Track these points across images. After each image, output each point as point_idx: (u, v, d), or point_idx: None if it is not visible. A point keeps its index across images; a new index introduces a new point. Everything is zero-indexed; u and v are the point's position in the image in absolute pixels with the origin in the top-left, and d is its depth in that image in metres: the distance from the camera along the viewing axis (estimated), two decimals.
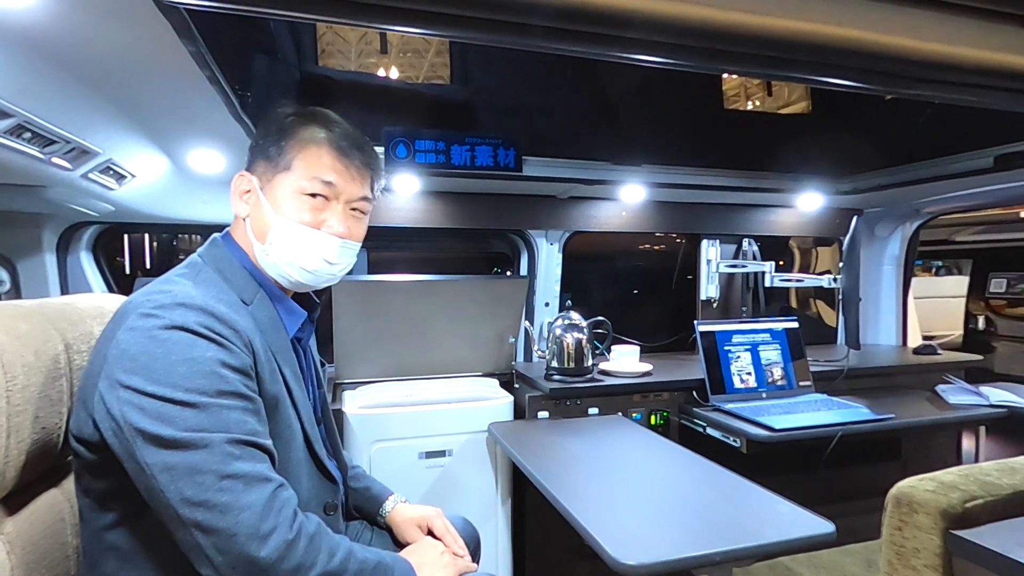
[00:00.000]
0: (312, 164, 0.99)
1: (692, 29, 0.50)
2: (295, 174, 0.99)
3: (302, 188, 0.99)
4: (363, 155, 1.04)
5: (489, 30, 0.52)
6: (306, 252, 1.01)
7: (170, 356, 0.81)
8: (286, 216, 0.99)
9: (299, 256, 1.01)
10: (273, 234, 1.00)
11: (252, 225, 1.02)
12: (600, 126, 2.23)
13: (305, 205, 1.00)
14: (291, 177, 0.99)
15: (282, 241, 1.00)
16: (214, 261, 1.00)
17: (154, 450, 0.78)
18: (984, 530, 0.81)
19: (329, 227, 1.01)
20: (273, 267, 1.02)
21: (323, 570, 0.84)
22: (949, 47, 0.56)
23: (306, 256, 1.01)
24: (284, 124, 1.02)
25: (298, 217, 0.99)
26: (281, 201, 0.99)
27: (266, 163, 1.01)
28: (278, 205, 1.00)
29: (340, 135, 1.02)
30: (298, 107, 1.05)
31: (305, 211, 1.00)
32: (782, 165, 2.36)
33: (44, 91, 0.97)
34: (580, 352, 2.06)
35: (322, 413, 1.17)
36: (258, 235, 1.02)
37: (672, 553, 0.99)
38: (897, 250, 2.92)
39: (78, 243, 2.00)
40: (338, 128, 1.03)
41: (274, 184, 1.00)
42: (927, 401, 2.15)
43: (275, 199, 1.00)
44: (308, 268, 1.02)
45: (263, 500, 0.80)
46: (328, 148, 1.00)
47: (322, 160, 1.00)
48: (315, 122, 1.02)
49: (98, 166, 1.35)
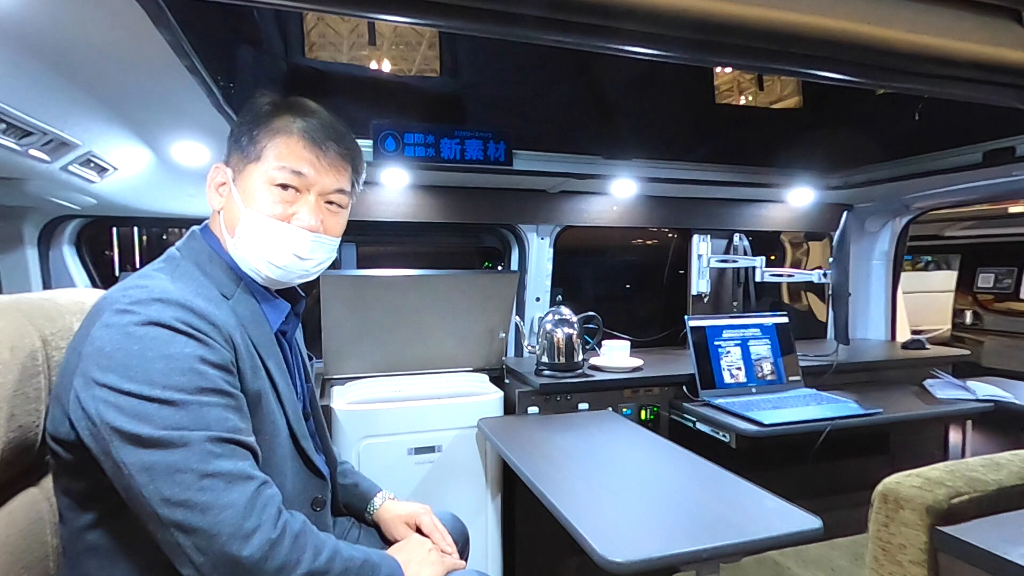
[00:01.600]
0: (282, 153, 0.95)
1: (685, 20, 0.49)
2: (265, 164, 0.96)
3: (271, 178, 0.95)
4: (340, 146, 1.00)
5: (480, 19, 0.51)
6: (275, 246, 0.97)
7: (147, 353, 0.79)
8: (255, 209, 0.96)
9: (267, 250, 0.97)
10: (241, 227, 0.97)
11: (224, 218, 1.00)
12: (591, 120, 2.22)
13: (275, 197, 0.96)
14: (261, 167, 0.96)
15: (250, 235, 0.96)
16: (192, 255, 0.97)
17: (132, 449, 0.76)
18: (969, 526, 0.81)
19: (299, 220, 0.97)
20: (243, 261, 0.99)
21: (308, 569, 0.82)
22: (942, 40, 0.55)
23: (275, 250, 0.97)
24: (259, 112, 0.98)
25: (267, 210, 0.96)
26: (251, 193, 0.96)
27: (239, 154, 0.98)
28: (248, 197, 0.96)
29: (315, 125, 0.98)
30: (271, 95, 1.02)
31: (275, 203, 0.96)
32: (773, 160, 2.36)
33: (19, 81, 0.94)
34: (570, 347, 2.05)
35: (310, 407, 1.15)
36: (229, 228, 0.99)
37: (660, 550, 0.99)
38: (887, 245, 2.93)
39: (60, 237, 1.97)
40: (314, 118, 0.99)
41: (245, 175, 0.97)
42: (915, 396, 2.17)
43: (245, 191, 0.97)
44: (277, 263, 0.98)
45: (245, 498, 0.79)
46: (300, 137, 0.96)
47: (293, 149, 0.96)
48: (290, 111, 0.98)
49: (78, 158, 1.32)
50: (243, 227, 0.97)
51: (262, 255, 0.97)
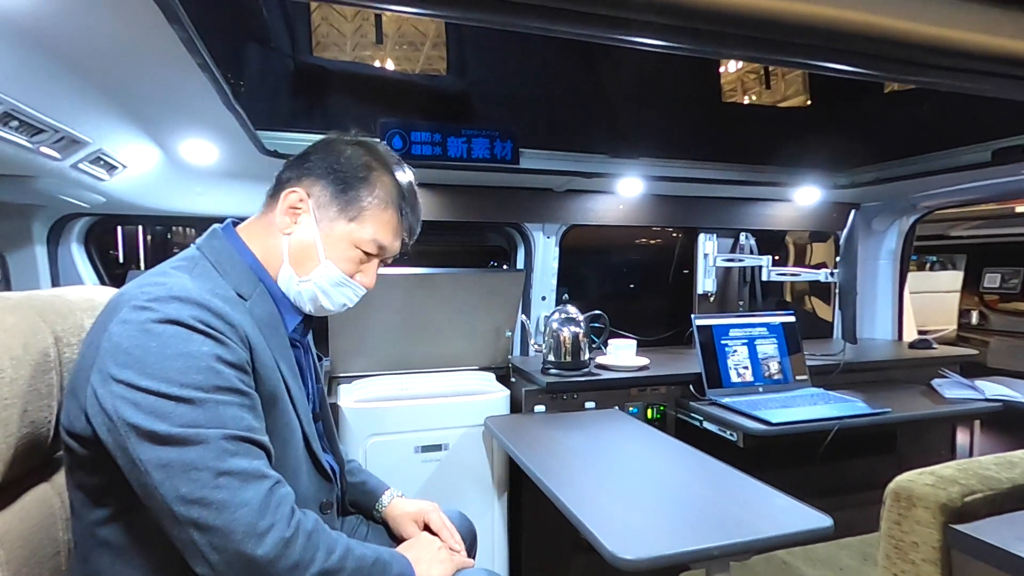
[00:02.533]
0: (381, 230, 1.01)
1: (695, 11, 0.48)
2: (360, 229, 1.00)
3: (361, 244, 1.01)
4: (416, 221, 1.08)
5: (490, 10, 0.51)
6: (335, 295, 1.03)
7: (164, 350, 0.79)
8: (335, 262, 1.01)
9: (326, 296, 1.02)
10: (317, 273, 1.01)
11: (291, 247, 1.01)
12: (597, 119, 2.22)
13: (356, 257, 1.01)
14: (354, 228, 1.00)
15: (321, 281, 1.01)
16: (213, 253, 0.97)
17: (148, 446, 0.76)
18: (983, 524, 0.81)
19: (363, 277, 1.04)
20: (296, 294, 1.02)
21: (321, 567, 0.83)
22: (953, 31, 0.54)
23: (333, 299, 1.03)
24: (360, 168, 1.01)
25: (345, 268, 1.01)
26: (333, 243, 1.00)
27: (331, 198, 1.00)
28: (329, 245, 1.00)
29: (416, 215, 1.06)
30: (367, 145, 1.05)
31: (352, 263, 1.02)
32: (780, 159, 2.35)
33: (32, 79, 0.95)
34: (577, 346, 2.05)
35: (320, 408, 1.15)
36: (296, 261, 1.01)
37: (670, 547, 0.99)
38: (894, 244, 2.92)
39: (69, 235, 1.98)
40: (413, 197, 1.06)
41: (335, 226, 1.00)
42: (922, 395, 2.16)
43: (329, 238, 1.00)
44: (329, 308, 1.04)
45: (260, 497, 0.79)
46: (401, 219, 1.03)
47: (393, 232, 1.03)
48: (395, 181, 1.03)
49: (88, 156, 1.32)
50: (318, 273, 1.01)
51: (319, 298, 1.02)
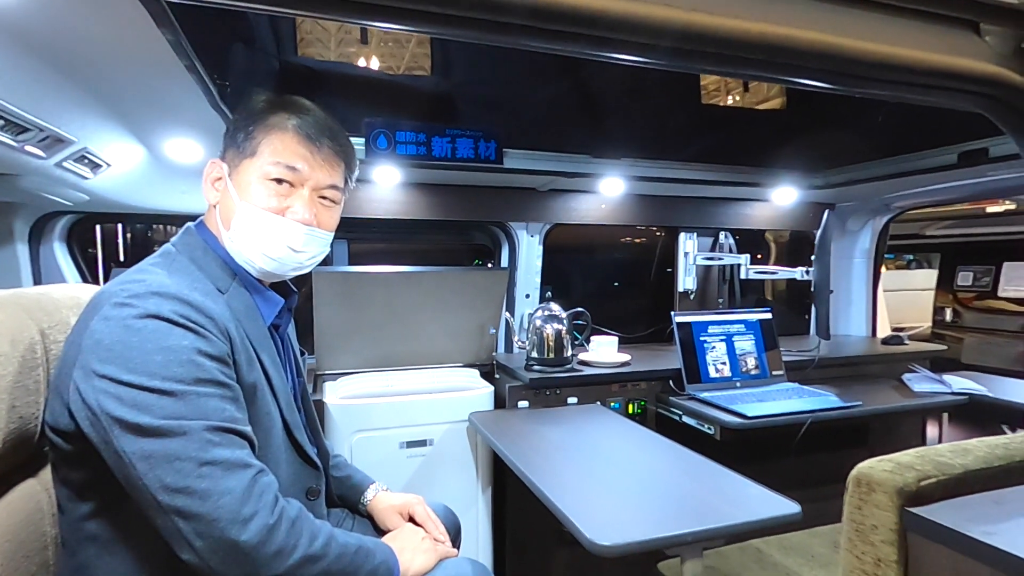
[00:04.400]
0: (277, 149, 0.99)
1: (668, 31, 0.52)
2: (260, 159, 0.99)
3: (266, 173, 0.98)
4: (334, 143, 1.03)
5: (470, 27, 0.54)
6: (270, 239, 1.00)
7: (145, 345, 0.81)
8: (250, 202, 0.99)
9: (263, 243, 1.00)
10: (237, 220, 0.99)
11: (220, 212, 1.02)
12: (580, 120, 2.26)
13: (269, 191, 0.99)
14: (256, 163, 0.99)
15: (246, 227, 0.99)
16: (188, 250, 0.99)
17: (132, 438, 0.78)
18: (937, 507, 0.86)
19: (294, 213, 1.00)
20: (238, 254, 1.02)
21: (304, 553, 0.85)
22: (908, 51, 0.59)
23: (270, 243, 1.00)
24: (255, 109, 1.01)
25: (262, 203, 0.99)
26: (246, 187, 0.99)
27: (234, 150, 1.01)
28: (243, 191, 0.99)
29: (310, 122, 1.01)
30: (268, 93, 1.05)
31: (269, 197, 0.99)
32: (758, 160, 2.41)
33: (18, 78, 0.95)
34: (560, 343, 2.09)
35: (302, 400, 1.17)
36: (224, 222, 1.01)
37: (646, 534, 1.03)
38: (867, 243, 3.00)
39: (51, 233, 1.97)
40: (309, 115, 1.02)
41: (240, 170, 1.00)
42: (893, 389, 2.23)
43: (240, 185, 1.00)
44: (272, 255, 1.01)
45: (243, 485, 0.81)
46: (295, 134, 1.00)
47: (288, 145, 0.99)
48: (285, 108, 1.01)
49: (72, 155, 1.33)
50: (238, 220, 0.99)
51: (257, 247, 1.00)
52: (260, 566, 0.81)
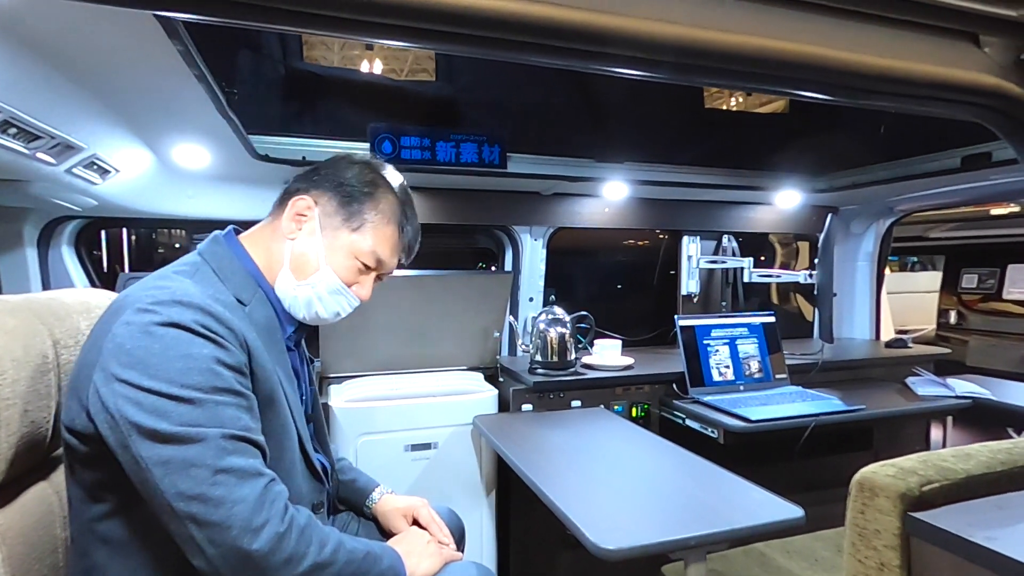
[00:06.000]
0: (381, 244, 1.06)
1: (668, 47, 0.53)
2: (361, 240, 1.04)
3: (361, 255, 1.05)
4: (415, 242, 1.13)
5: (471, 44, 0.55)
6: (330, 304, 1.06)
7: (167, 352, 0.82)
8: (334, 269, 1.04)
9: (322, 304, 1.06)
10: (315, 278, 1.04)
11: (294, 252, 1.05)
12: (584, 124, 2.27)
13: (355, 268, 1.06)
14: (356, 239, 1.04)
15: (319, 286, 1.04)
16: (214, 259, 1.00)
17: (149, 444, 0.79)
18: (939, 512, 0.86)
19: (360, 289, 1.08)
20: (292, 299, 1.05)
21: (314, 561, 0.86)
22: (907, 63, 0.60)
23: (328, 307, 1.06)
24: (368, 183, 1.06)
25: (344, 276, 1.05)
26: (334, 252, 1.04)
27: (336, 208, 1.04)
28: (330, 254, 1.04)
29: (412, 229, 1.10)
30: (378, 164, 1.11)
31: (350, 273, 1.05)
32: (761, 163, 2.42)
33: (32, 87, 0.97)
34: (563, 346, 2.10)
35: (312, 410, 1.18)
36: (296, 266, 1.04)
37: (650, 538, 1.04)
38: (871, 247, 3.00)
39: (59, 238, 1.99)
40: (413, 218, 1.10)
41: (338, 235, 1.04)
42: (897, 393, 2.23)
43: (332, 248, 1.04)
44: (322, 316, 1.07)
45: (256, 494, 0.82)
46: (400, 239, 1.08)
47: (391, 247, 1.07)
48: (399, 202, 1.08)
49: (82, 161, 1.35)
50: (317, 278, 1.04)
51: (314, 305, 1.06)
52: (271, 574, 0.82)
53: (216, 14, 0.48)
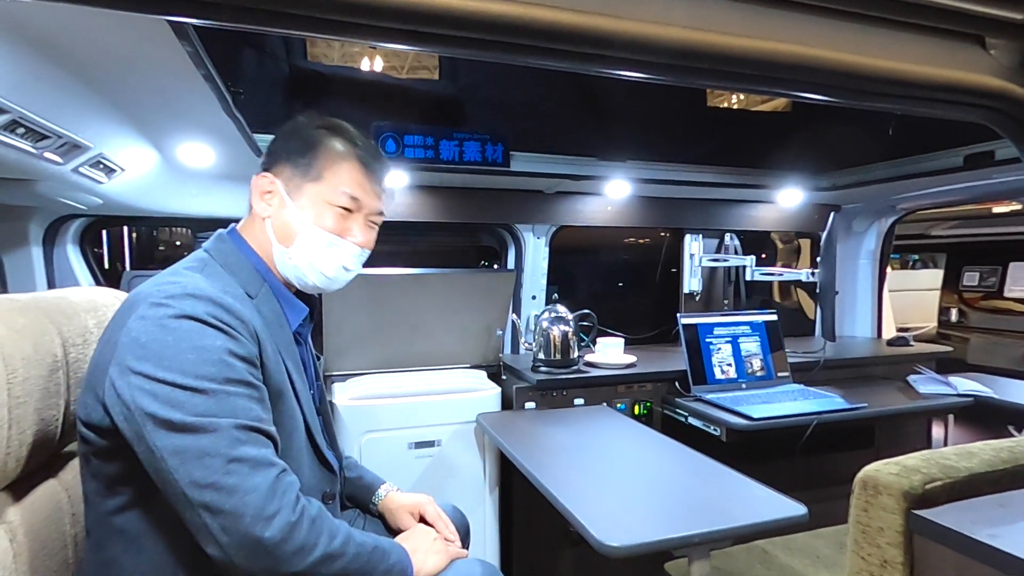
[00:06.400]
0: (343, 179, 1.05)
1: (669, 49, 0.53)
2: (325, 186, 1.04)
3: (331, 200, 1.05)
4: (382, 171, 1.11)
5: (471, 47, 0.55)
6: (329, 258, 1.06)
7: (180, 344, 0.84)
8: (316, 224, 1.04)
9: (321, 262, 1.06)
10: (300, 239, 1.05)
11: (274, 226, 1.06)
12: (587, 122, 2.27)
13: (335, 215, 1.05)
14: (321, 188, 1.04)
15: (308, 246, 1.05)
16: (221, 256, 1.03)
17: (164, 434, 0.81)
18: (942, 510, 0.87)
19: (353, 237, 1.08)
20: (293, 269, 1.06)
21: (324, 551, 0.87)
22: (912, 66, 0.60)
23: (328, 262, 1.07)
24: (311, 135, 1.06)
25: (328, 226, 1.05)
26: (310, 209, 1.05)
27: (293, 169, 1.05)
28: (307, 212, 1.05)
29: (369, 152, 1.08)
30: (319, 117, 1.10)
31: (333, 221, 1.05)
32: (763, 161, 2.42)
33: (39, 88, 0.98)
34: (566, 344, 2.11)
35: (320, 405, 1.20)
36: (281, 237, 1.06)
37: (654, 535, 1.04)
38: (873, 245, 3.00)
39: (64, 236, 1.99)
40: (363, 144, 1.09)
41: (303, 192, 1.05)
42: (899, 391, 2.24)
43: (304, 207, 1.05)
44: (328, 274, 1.07)
45: (268, 483, 0.84)
46: (356, 164, 1.06)
47: (352, 176, 1.06)
48: (342, 134, 1.07)
49: (88, 160, 1.35)
50: (302, 239, 1.05)
51: (315, 265, 1.06)
52: (282, 562, 0.84)
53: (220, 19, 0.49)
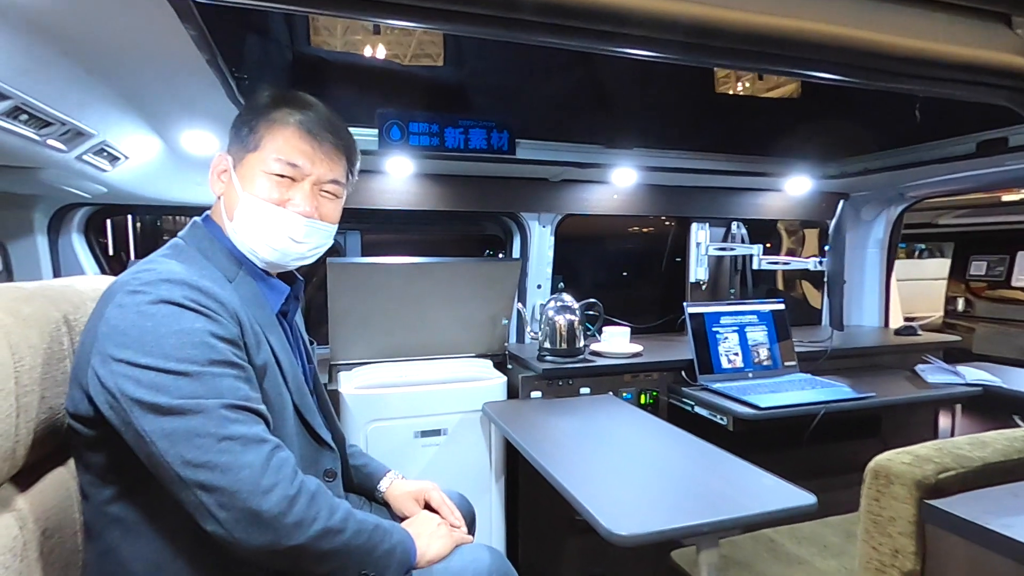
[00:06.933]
0: (279, 145, 1.02)
1: (679, 25, 0.52)
2: (262, 153, 1.02)
3: (268, 168, 1.01)
4: (335, 138, 1.06)
5: (480, 24, 0.54)
6: (271, 229, 1.03)
7: (159, 329, 0.83)
8: (252, 193, 1.01)
9: (264, 233, 1.03)
10: (239, 211, 1.02)
11: (225, 203, 1.05)
12: (592, 110, 2.24)
13: (271, 183, 1.02)
14: (259, 156, 1.02)
15: (248, 218, 1.02)
16: (195, 242, 1.02)
17: (152, 418, 0.80)
18: (955, 499, 0.86)
19: (295, 206, 1.03)
20: (243, 244, 1.04)
21: (324, 525, 0.87)
22: (934, 44, 0.58)
23: (271, 234, 1.03)
24: (259, 104, 1.04)
25: (263, 195, 1.01)
26: (249, 180, 1.02)
27: (238, 144, 1.04)
28: (246, 183, 1.02)
29: (312, 118, 1.03)
30: (277, 90, 1.07)
31: (271, 189, 1.02)
32: (772, 149, 2.39)
33: (44, 73, 0.97)
34: (572, 333, 2.10)
35: (314, 386, 1.19)
36: (228, 212, 1.04)
37: (663, 524, 1.04)
38: (881, 233, 2.98)
39: (69, 225, 1.99)
40: (311, 111, 1.04)
41: (244, 163, 1.03)
42: (906, 380, 2.22)
43: (243, 177, 1.03)
44: (275, 246, 1.04)
45: (261, 459, 0.83)
46: (296, 129, 1.02)
47: (289, 142, 1.02)
48: (287, 104, 1.04)
49: (92, 148, 1.34)
50: (241, 210, 1.02)
51: (260, 237, 1.03)
52: (282, 536, 0.83)
53: None
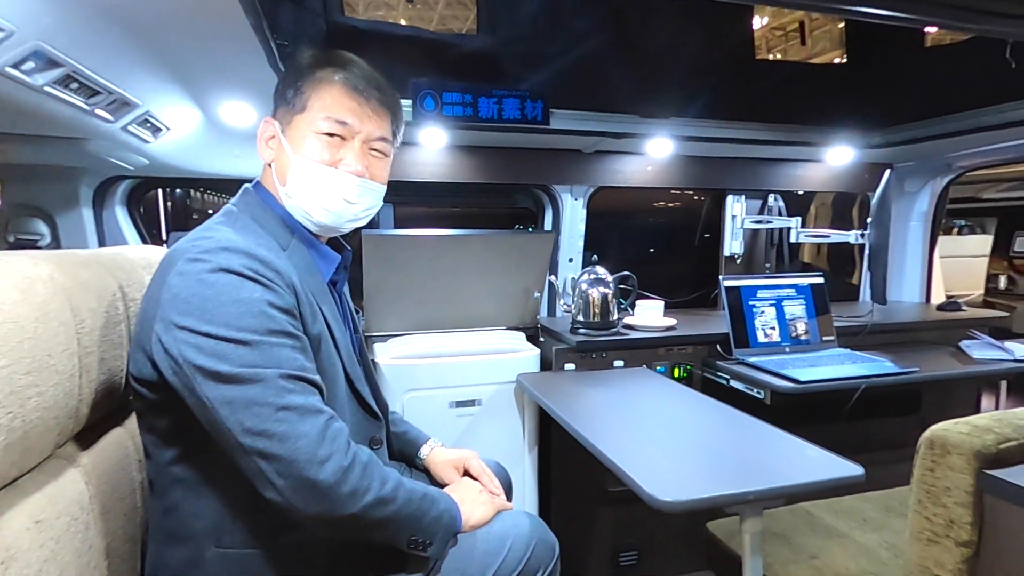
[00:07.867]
0: (327, 103, 1.01)
1: None
2: (310, 114, 1.01)
3: (318, 128, 1.01)
4: (381, 94, 1.05)
5: None
6: (326, 191, 1.02)
7: (220, 297, 0.85)
8: (304, 156, 1.01)
9: (319, 195, 1.02)
10: (292, 174, 1.02)
11: (276, 169, 1.05)
12: (628, 78, 2.18)
13: (322, 144, 1.01)
14: (307, 117, 1.01)
15: (301, 181, 1.02)
16: (248, 209, 1.02)
17: (213, 385, 0.82)
18: (1016, 470, 0.84)
19: (347, 165, 1.03)
20: (297, 209, 1.04)
21: (377, 495, 0.89)
22: None
23: (326, 195, 1.02)
24: (301, 66, 1.03)
25: (315, 156, 1.01)
26: (299, 142, 1.01)
27: (285, 106, 1.03)
28: (296, 146, 1.02)
29: (357, 74, 1.03)
30: (319, 50, 1.06)
31: (322, 150, 1.01)
32: (813, 117, 2.31)
33: (93, 41, 0.97)
34: (606, 306, 2.08)
35: (360, 355, 1.20)
36: (280, 178, 1.04)
37: (706, 491, 1.03)
38: (926, 206, 2.87)
39: (112, 198, 2.03)
40: (355, 68, 1.03)
41: (292, 126, 1.02)
42: (950, 356, 2.16)
43: (293, 140, 1.02)
44: (330, 208, 1.04)
45: (317, 429, 0.85)
46: (342, 87, 1.01)
47: (336, 99, 1.01)
48: (331, 63, 1.03)
49: (136, 118, 1.36)
50: (293, 174, 1.02)
51: (314, 200, 1.03)
52: (337, 505, 0.86)
53: None
